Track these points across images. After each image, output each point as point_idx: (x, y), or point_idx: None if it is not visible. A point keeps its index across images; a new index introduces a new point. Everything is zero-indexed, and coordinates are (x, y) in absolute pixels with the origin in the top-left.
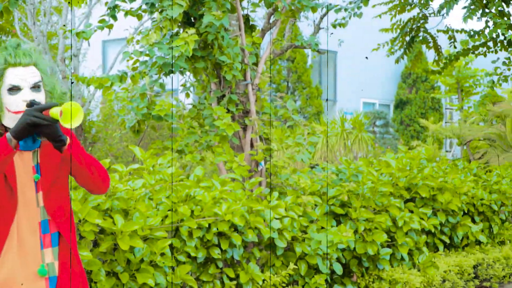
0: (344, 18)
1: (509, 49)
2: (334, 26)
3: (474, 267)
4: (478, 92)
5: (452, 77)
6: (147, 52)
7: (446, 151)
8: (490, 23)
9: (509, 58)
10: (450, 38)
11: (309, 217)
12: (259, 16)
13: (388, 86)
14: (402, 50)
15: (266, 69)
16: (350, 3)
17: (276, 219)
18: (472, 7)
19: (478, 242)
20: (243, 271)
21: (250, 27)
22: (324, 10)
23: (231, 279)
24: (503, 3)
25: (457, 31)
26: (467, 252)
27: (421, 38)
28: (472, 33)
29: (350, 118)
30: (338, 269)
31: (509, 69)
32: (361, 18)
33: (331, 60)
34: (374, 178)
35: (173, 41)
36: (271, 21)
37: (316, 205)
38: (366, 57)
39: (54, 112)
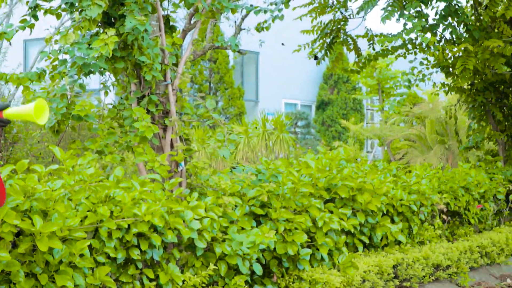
0: (266, 21)
1: (427, 50)
2: (258, 30)
3: (394, 267)
4: (399, 94)
5: (373, 79)
6: (66, 52)
7: (368, 152)
8: (409, 25)
9: (426, 58)
10: (369, 40)
11: (229, 218)
12: (180, 17)
13: (309, 87)
14: (323, 51)
15: (187, 69)
16: (271, 4)
17: (196, 219)
18: (389, 8)
19: (398, 242)
20: (163, 272)
21: (170, 28)
22: (245, 11)
23: (150, 280)
24: (421, 4)
25: (376, 35)
26: (387, 252)
27: (341, 39)
28: (390, 35)
29: (271, 119)
30: (258, 270)
31: (427, 68)
32: (284, 20)
33: (253, 60)
34: (294, 179)
35: (93, 42)
36: (192, 21)
37: (236, 206)
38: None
39: (8, 113)
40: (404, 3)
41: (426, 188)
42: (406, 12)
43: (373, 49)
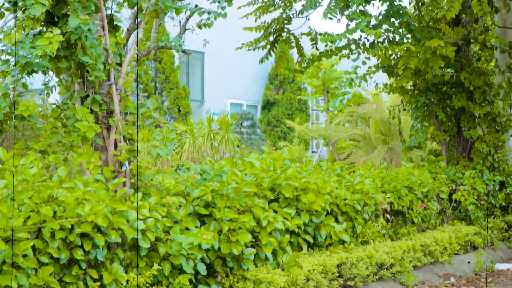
0: (208, 19)
1: (370, 50)
2: (200, 27)
3: (338, 266)
4: (342, 93)
5: (318, 79)
6: (9, 51)
7: (313, 152)
8: (352, 24)
9: (369, 57)
10: (312, 39)
11: (173, 218)
12: (125, 17)
13: (255, 87)
14: (266, 50)
15: (131, 69)
16: (214, 1)
17: (140, 219)
18: (332, 5)
19: (342, 242)
20: (107, 272)
21: (114, 27)
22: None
23: (94, 280)
24: (365, 3)
25: (320, 34)
26: (331, 251)
27: (284, 38)
28: (334, 35)
29: (217, 119)
30: (202, 270)
31: (369, 71)
32: (229, 20)
33: (199, 60)
34: (238, 179)
35: (37, 41)
36: (137, 21)
37: (180, 206)
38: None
39: None
40: (348, 1)
41: (370, 188)
42: (347, 11)
43: (316, 48)
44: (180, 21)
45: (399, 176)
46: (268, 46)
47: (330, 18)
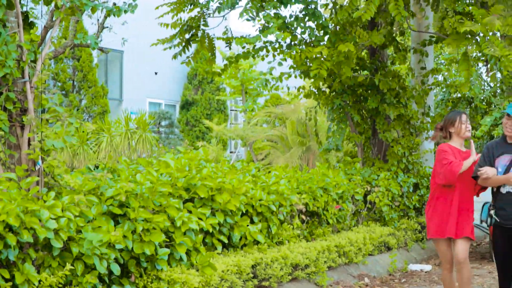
0: (130, 5)
1: (286, 50)
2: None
3: (253, 267)
4: (259, 94)
5: (237, 80)
6: None
7: (231, 152)
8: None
9: (285, 58)
10: (227, 40)
11: (86, 217)
12: (44, 13)
13: (174, 87)
14: (181, 47)
15: (47, 67)
16: (130, 5)
17: (52, 219)
18: (248, 6)
19: (257, 242)
20: (19, 272)
21: (29, 24)
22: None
23: (6, 280)
24: (280, 5)
25: (235, 38)
26: (246, 252)
27: (199, 38)
28: (250, 37)
29: (135, 118)
30: (116, 270)
31: (288, 76)
32: (148, 19)
33: (117, 59)
34: (153, 178)
35: None
36: (54, 18)
37: (93, 205)
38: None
39: None
40: (263, 3)
41: (285, 189)
42: (262, 14)
43: (230, 48)
44: (98, 19)
45: (314, 177)
46: (183, 44)
47: (248, 20)
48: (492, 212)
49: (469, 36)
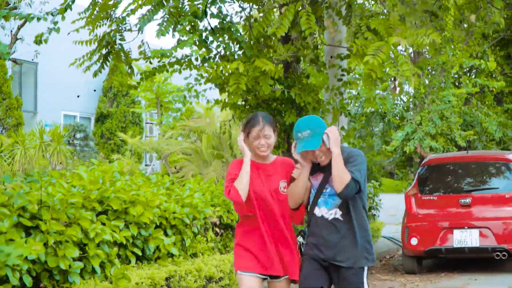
0: (43, 34)
1: (202, 67)
2: (37, 42)
3: (167, 279)
4: (176, 109)
5: (152, 93)
6: None
7: (146, 165)
8: (183, 39)
9: (201, 74)
10: (144, 55)
11: None
12: None
13: (89, 99)
14: (99, 64)
15: None
16: (47, 13)
17: None
18: (165, 24)
19: (171, 255)
20: None
21: None
22: (22, 20)
23: None
24: (195, 19)
25: (152, 51)
26: (160, 264)
27: (115, 51)
28: (167, 53)
29: (49, 130)
30: (28, 282)
31: (200, 84)
32: (62, 32)
33: (32, 71)
34: (64, 190)
35: None
36: None
37: (5, 217)
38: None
39: None
40: (179, 18)
41: (199, 202)
42: (180, 26)
43: (150, 62)
44: (11, 30)
45: None
46: (101, 60)
47: (163, 35)
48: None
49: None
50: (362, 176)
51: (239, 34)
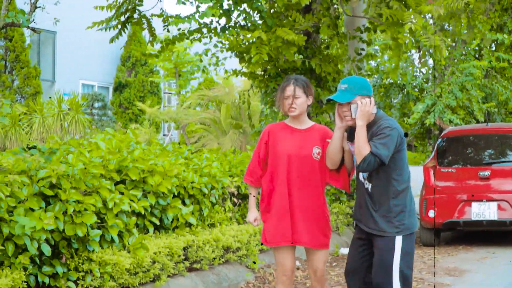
0: None
1: (222, 35)
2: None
3: (184, 249)
4: (195, 78)
5: (170, 62)
6: None
7: (164, 135)
8: (202, 7)
9: (221, 41)
10: (164, 21)
11: (17, 198)
12: None
13: (107, 68)
14: (117, 30)
15: None
16: None
17: None
18: None
19: (189, 225)
20: None
21: None
22: None
23: None
24: None
25: (171, 16)
26: (177, 234)
27: (136, 19)
28: (185, 18)
29: (67, 99)
30: (47, 251)
31: (221, 51)
32: (81, 1)
33: (50, 40)
34: (85, 160)
35: None
36: None
37: (24, 185)
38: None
39: None
40: None
41: (217, 171)
42: None
43: (168, 30)
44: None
45: (246, 160)
46: (119, 26)
47: (183, 3)
48: None
49: (403, 24)
50: (386, 150)
51: (259, 4)
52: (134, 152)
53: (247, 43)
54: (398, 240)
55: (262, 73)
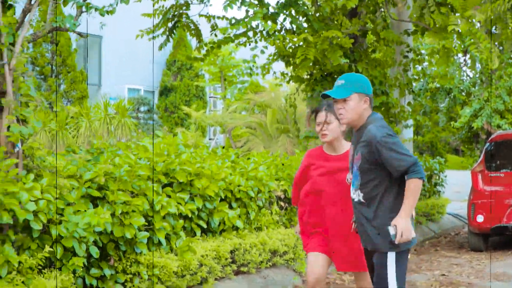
0: (111, 5)
1: (268, 39)
2: (102, 14)
3: (231, 252)
4: (241, 82)
5: (216, 66)
6: None
7: (210, 139)
8: (251, 12)
9: (266, 47)
10: (212, 27)
11: (65, 200)
12: None
13: (153, 73)
14: (165, 36)
15: (26, 50)
16: None
17: (32, 201)
18: None
19: (236, 228)
20: None
21: (8, 7)
22: None
23: None
24: None
25: (218, 17)
26: (224, 237)
27: (183, 24)
28: (233, 21)
29: (113, 103)
30: (95, 252)
31: (269, 58)
32: (127, 4)
33: (96, 44)
34: (131, 162)
35: None
36: (32, 2)
37: (73, 188)
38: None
39: None
40: None
41: (264, 175)
42: (247, 0)
43: (215, 35)
44: (76, 2)
45: (293, 164)
46: (167, 33)
47: (231, 8)
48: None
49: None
50: (405, 155)
51: (305, 8)
52: (181, 155)
53: (293, 47)
54: (388, 256)
55: (308, 77)
